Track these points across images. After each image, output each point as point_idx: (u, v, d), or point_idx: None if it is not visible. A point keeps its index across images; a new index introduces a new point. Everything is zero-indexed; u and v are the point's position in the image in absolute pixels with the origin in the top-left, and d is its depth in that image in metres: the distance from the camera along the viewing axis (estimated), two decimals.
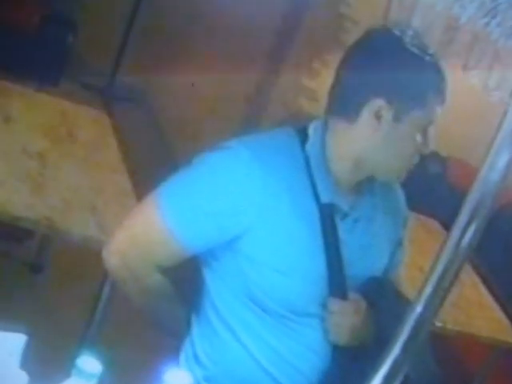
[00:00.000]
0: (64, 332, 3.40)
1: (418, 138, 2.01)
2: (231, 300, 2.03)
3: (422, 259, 3.38)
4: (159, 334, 2.30)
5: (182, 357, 2.13)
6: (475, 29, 1.35)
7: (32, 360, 1.65)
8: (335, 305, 2.02)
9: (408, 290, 3.53)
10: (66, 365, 1.60)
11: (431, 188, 5.10)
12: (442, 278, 1.46)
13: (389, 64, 2.00)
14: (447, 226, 1.47)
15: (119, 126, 3.94)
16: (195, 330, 2.12)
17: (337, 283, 2.03)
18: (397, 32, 1.89)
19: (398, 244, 2.27)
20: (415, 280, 1.56)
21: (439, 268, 1.46)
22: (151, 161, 5.21)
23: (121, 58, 5.93)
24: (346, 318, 2.03)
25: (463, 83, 1.61)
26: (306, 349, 2.05)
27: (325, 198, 2.00)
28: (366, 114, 1.99)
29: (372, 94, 1.99)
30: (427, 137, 2.02)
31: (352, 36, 2.06)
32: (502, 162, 1.39)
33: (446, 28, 1.39)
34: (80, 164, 3.44)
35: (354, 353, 2.05)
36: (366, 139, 2.01)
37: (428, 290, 1.47)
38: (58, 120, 3.71)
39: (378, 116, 1.98)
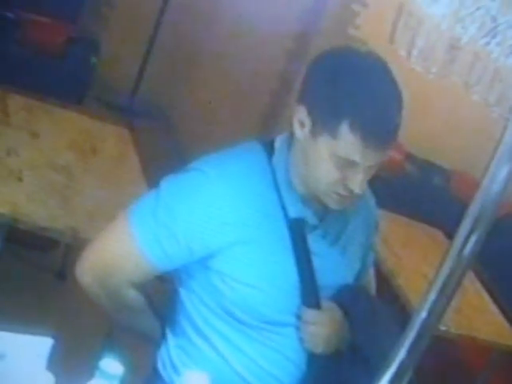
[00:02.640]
0: (87, 335, 3.41)
1: (338, 168, 1.82)
2: (206, 313, 1.98)
3: (426, 267, 3.39)
4: None
5: (160, 366, 2.07)
6: (476, 48, 1.35)
7: (58, 362, 1.65)
8: (309, 315, 1.96)
9: (413, 296, 3.53)
10: (90, 366, 1.60)
11: (435, 199, 5.08)
12: (445, 284, 1.46)
13: (316, 74, 1.90)
14: (451, 235, 1.47)
15: (140, 141, 3.94)
16: (171, 340, 2.05)
17: (310, 293, 1.97)
18: (355, 52, 1.82)
19: (369, 248, 2.19)
20: (420, 287, 1.55)
21: (443, 275, 1.45)
22: (170, 173, 5.21)
23: (141, 77, 5.94)
24: (321, 327, 1.97)
25: (465, 100, 1.61)
26: (282, 357, 1.99)
27: (292, 213, 1.93)
28: (295, 121, 1.88)
29: (299, 100, 1.90)
30: (355, 177, 1.83)
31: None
32: (502, 174, 1.39)
33: (449, 47, 1.39)
34: (103, 177, 3.45)
35: (329, 359, 2.00)
36: (297, 150, 1.92)
37: (432, 296, 1.47)
38: (82, 136, 3.72)
39: (301, 124, 1.87)
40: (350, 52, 1.83)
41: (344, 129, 1.79)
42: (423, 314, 1.47)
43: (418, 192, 2.13)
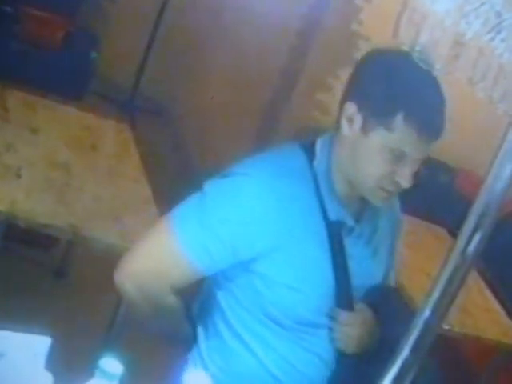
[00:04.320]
0: (87, 334, 3.41)
1: (388, 162, 1.90)
2: (243, 313, 2.02)
3: (429, 265, 3.38)
4: None
5: (191, 368, 2.10)
6: (480, 44, 1.35)
7: (56, 361, 1.65)
8: (343, 316, 2.02)
9: (416, 295, 3.54)
10: (89, 366, 1.60)
11: (440, 197, 5.09)
12: (449, 283, 1.46)
13: (369, 71, 1.96)
14: (455, 233, 1.47)
15: (141, 137, 3.94)
16: (203, 342, 2.10)
17: (344, 295, 2.03)
18: (400, 51, 1.86)
19: (394, 249, 2.25)
20: (423, 285, 1.56)
21: (446, 273, 1.46)
22: (171, 171, 5.22)
23: (142, 72, 5.95)
24: (354, 328, 2.03)
25: (469, 97, 1.61)
26: (314, 357, 2.05)
27: (332, 216, 1.98)
28: (343, 119, 1.94)
29: (347, 97, 1.96)
30: (403, 171, 1.91)
31: (363, 52, 2.05)
32: (506, 171, 1.39)
33: (453, 43, 1.39)
34: (103, 174, 3.45)
35: (360, 359, 2.05)
36: (343, 148, 1.97)
37: (436, 294, 1.47)
38: (83, 132, 3.72)
39: (349, 120, 1.93)
40: (397, 51, 1.88)
41: (399, 121, 1.87)
42: (426, 313, 1.48)
43: (424, 189, 2.14)
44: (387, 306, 2.10)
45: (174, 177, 5.09)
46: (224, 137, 5.24)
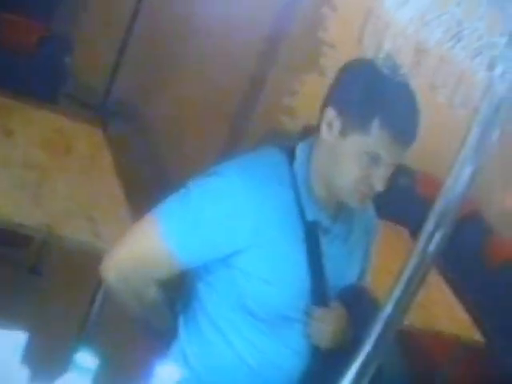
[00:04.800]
0: (62, 330, 3.40)
1: (364, 165, 1.94)
2: (223, 307, 2.05)
3: (391, 264, 3.38)
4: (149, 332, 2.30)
5: (171, 357, 2.12)
6: (442, 51, 1.37)
7: (32, 356, 1.64)
8: (317, 312, 2.05)
9: (379, 292, 3.55)
10: (65, 360, 1.60)
11: (401, 199, 5.12)
12: (410, 281, 1.47)
13: (349, 79, 2.00)
14: (415, 233, 1.49)
15: (113, 140, 3.93)
16: (183, 333, 2.12)
17: (319, 292, 2.05)
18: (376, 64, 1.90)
19: (369, 252, 2.29)
20: (385, 283, 1.57)
21: (408, 272, 1.47)
22: (143, 172, 5.20)
23: (115, 76, 5.92)
24: (327, 324, 2.06)
25: (431, 102, 1.62)
26: (288, 350, 2.07)
27: (309, 216, 2.01)
28: (323, 123, 1.98)
29: (328, 103, 1.99)
30: (378, 174, 1.95)
31: (328, 59, 2.08)
32: (465, 175, 1.41)
33: (415, 51, 1.40)
34: (76, 176, 3.44)
35: (333, 354, 2.07)
36: (323, 151, 2.01)
37: (397, 291, 1.48)
38: (56, 135, 3.71)
39: (329, 125, 1.97)
40: (374, 62, 1.92)
41: (375, 126, 1.91)
42: (388, 309, 1.49)
43: (385, 191, 2.16)
44: (360, 306, 2.12)
45: (145, 178, 5.08)
46: (195, 140, 5.23)
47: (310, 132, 2.08)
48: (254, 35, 4.92)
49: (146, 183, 4.74)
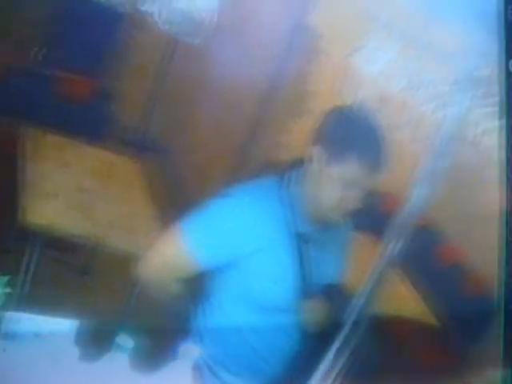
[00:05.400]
0: (106, 318, 3.37)
1: (343, 189, 1.96)
2: (233, 299, 2.05)
3: (362, 264, 3.37)
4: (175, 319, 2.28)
5: (191, 338, 2.12)
6: (403, 98, 1.36)
7: (82, 339, 1.62)
8: (307, 304, 2.06)
9: (353, 286, 3.53)
10: (108, 341, 1.58)
11: (368, 214, 5.10)
12: (378, 277, 1.46)
13: (332, 123, 2.02)
14: (381, 241, 1.47)
15: (147, 169, 3.92)
16: (201, 320, 2.11)
17: (307, 288, 2.06)
18: (353, 110, 1.94)
19: (345, 256, 2.27)
20: (358, 279, 1.56)
21: (376, 271, 1.46)
22: (169, 193, 5.19)
23: (149, 118, 5.93)
24: (315, 314, 2.07)
25: (393, 138, 1.61)
26: (285, 334, 2.08)
27: (300, 228, 2.02)
28: (313, 157, 2.01)
29: (316, 141, 2.01)
30: (355, 195, 1.98)
31: (315, 104, 2.11)
32: (421, 194, 1.40)
33: (382, 98, 1.39)
34: (118, 198, 3.44)
35: (319, 336, 2.06)
36: (312, 177, 2.02)
37: (368, 286, 1.47)
38: (103, 165, 3.71)
39: (318, 158, 2.00)
40: (349, 109, 1.99)
41: (354, 158, 1.95)
42: (361, 300, 1.47)
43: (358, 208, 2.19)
44: (338, 299, 2.12)
45: (171, 198, 5.06)
46: (209, 168, 5.23)
47: (298, 162, 2.08)
48: (256, 87, 4.93)
49: (173, 202, 4.72)
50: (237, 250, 1.99)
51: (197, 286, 2.15)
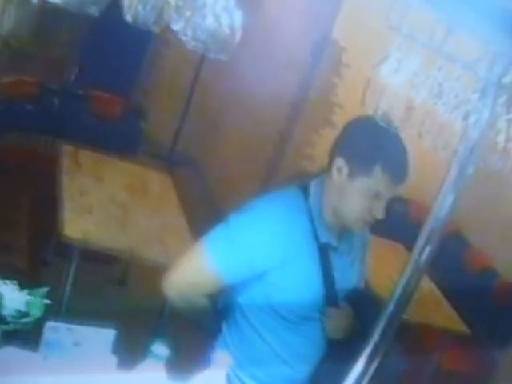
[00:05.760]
0: (142, 327, 3.39)
1: (367, 200, 1.91)
2: (258, 311, 2.02)
3: (391, 271, 3.35)
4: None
5: (218, 349, 2.09)
6: (427, 107, 1.35)
7: (120, 347, 1.64)
8: (331, 312, 2.03)
9: (382, 294, 3.51)
10: (144, 350, 1.59)
11: (397, 222, 5.07)
12: (406, 285, 1.45)
13: (353, 134, 1.96)
14: (410, 248, 1.46)
15: (178, 183, 3.95)
16: (226, 332, 2.09)
17: (331, 296, 2.03)
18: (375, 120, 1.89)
19: (364, 263, 2.25)
20: (388, 286, 1.55)
21: (404, 278, 1.45)
22: (201, 206, 5.21)
23: (179, 134, 5.97)
24: (339, 321, 2.05)
25: (419, 147, 1.61)
26: (310, 342, 2.06)
27: (322, 239, 1.98)
28: (334, 169, 1.95)
29: (337, 153, 1.95)
30: (379, 206, 1.92)
31: (338, 116, 2.07)
32: (447, 203, 1.39)
33: (406, 108, 1.39)
34: (151, 212, 3.46)
35: (343, 344, 2.06)
36: (333, 190, 1.97)
37: (397, 293, 1.46)
38: (136, 179, 3.74)
39: (339, 170, 1.94)
40: (371, 119, 1.92)
41: (377, 170, 1.89)
42: (391, 307, 1.46)
43: (385, 217, 2.17)
44: (361, 304, 2.11)
45: (203, 211, 5.08)
46: (239, 182, 5.24)
47: (321, 174, 2.04)
48: (282, 101, 4.94)
49: (203, 214, 4.74)
50: (261, 264, 1.94)
51: (222, 299, 2.13)
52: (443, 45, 1.28)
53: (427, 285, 3.97)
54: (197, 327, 2.24)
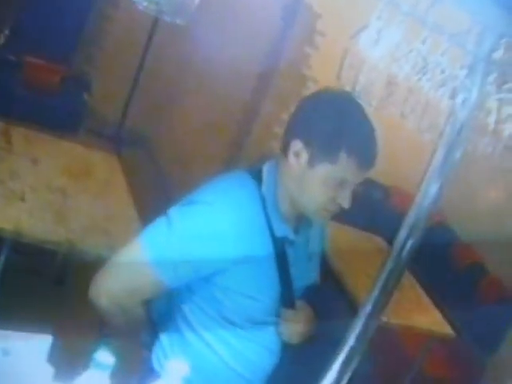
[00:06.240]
0: (83, 332, 3.37)
1: (331, 189, 1.88)
2: (203, 318, 1.99)
3: (369, 268, 3.39)
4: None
5: (156, 363, 2.06)
6: (410, 84, 1.36)
7: (56, 356, 1.63)
8: (288, 314, 2.01)
9: (359, 293, 3.54)
10: (86, 359, 1.58)
11: (376, 211, 5.12)
12: (386, 282, 1.46)
13: (315, 114, 1.91)
14: (390, 241, 1.47)
15: (126, 165, 3.93)
16: (165, 340, 2.05)
17: (287, 296, 2.01)
18: (338, 92, 1.85)
19: (321, 254, 2.23)
20: (365, 284, 1.56)
21: (384, 274, 1.46)
22: (153, 191, 5.20)
23: (127, 110, 5.93)
24: (296, 323, 2.02)
25: (401, 128, 1.62)
26: (263, 348, 2.04)
27: (278, 233, 1.95)
28: (290, 154, 1.91)
29: (295, 135, 1.91)
30: (344, 194, 1.89)
31: (311, 91, 2.04)
32: (432, 190, 1.40)
33: (387, 83, 1.40)
34: (94, 197, 3.44)
35: (301, 347, 2.05)
36: (290, 177, 1.93)
37: (375, 292, 1.47)
38: (76, 162, 3.71)
39: (296, 155, 1.90)
40: (334, 94, 1.86)
41: (342, 155, 1.85)
42: (368, 308, 1.47)
43: (362, 205, 2.14)
44: (321, 302, 2.10)
45: (155, 197, 5.07)
46: (196, 164, 5.23)
47: (278, 157, 1.99)
48: (248, 72, 4.93)
49: (155, 200, 4.73)
50: (207, 264, 1.89)
51: (159, 304, 2.09)
52: (428, 14, 1.29)
53: (409, 282, 4.02)
54: (132, 339, 2.19)
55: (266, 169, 1.99)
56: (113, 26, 5.82)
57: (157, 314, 2.09)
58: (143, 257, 1.89)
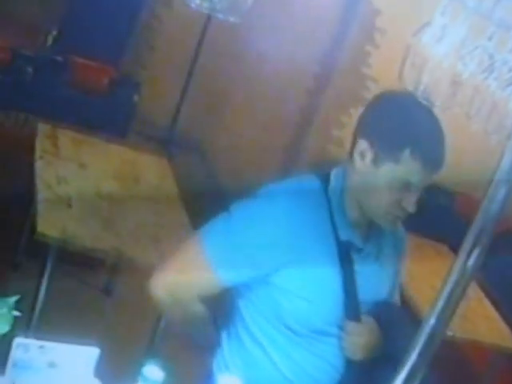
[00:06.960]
0: (131, 345, 3.40)
1: (395, 191, 1.91)
2: (262, 322, 2.02)
3: (433, 278, 3.35)
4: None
5: (215, 368, 2.10)
6: (476, 82, 1.35)
7: (104, 369, 1.64)
8: (351, 327, 2.01)
9: (422, 305, 3.50)
10: (134, 373, 1.59)
11: (441, 218, 5.06)
12: (451, 294, 1.45)
13: (379, 113, 1.96)
14: (455, 249, 1.46)
15: (177, 170, 3.95)
16: (226, 346, 2.09)
17: (352, 308, 2.01)
18: (405, 93, 1.86)
19: (398, 272, 2.23)
20: (428, 296, 1.54)
21: (449, 285, 1.44)
22: (204, 198, 5.22)
23: (179, 112, 5.97)
24: (360, 338, 2.02)
25: (466, 129, 1.60)
26: (324, 362, 2.03)
27: (343, 236, 1.98)
28: (355, 154, 1.95)
29: (360, 135, 1.96)
30: (409, 198, 1.92)
31: (372, 93, 2.06)
32: (499, 195, 1.38)
33: (451, 83, 1.38)
34: (144, 202, 3.46)
35: (365, 365, 2.03)
36: (356, 180, 1.97)
37: (440, 304, 1.45)
38: (126, 166, 3.74)
39: (362, 155, 1.94)
40: (403, 93, 1.89)
41: (406, 155, 1.88)
42: (432, 321, 1.46)
43: (426, 211, 2.12)
44: (391, 321, 2.09)
45: (208, 204, 5.09)
46: (251, 168, 5.24)
47: (345, 159, 2.03)
48: (304, 73, 4.92)
49: (207, 207, 4.74)
50: (266, 263, 1.93)
51: (220, 306, 2.13)
52: (495, 9, 1.27)
53: (475, 294, 3.96)
54: (194, 342, 2.24)
55: (333, 173, 2.03)
56: (164, 25, 5.87)
57: (222, 318, 2.13)
58: (201, 250, 1.96)
